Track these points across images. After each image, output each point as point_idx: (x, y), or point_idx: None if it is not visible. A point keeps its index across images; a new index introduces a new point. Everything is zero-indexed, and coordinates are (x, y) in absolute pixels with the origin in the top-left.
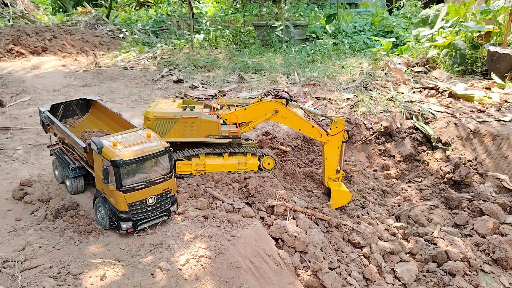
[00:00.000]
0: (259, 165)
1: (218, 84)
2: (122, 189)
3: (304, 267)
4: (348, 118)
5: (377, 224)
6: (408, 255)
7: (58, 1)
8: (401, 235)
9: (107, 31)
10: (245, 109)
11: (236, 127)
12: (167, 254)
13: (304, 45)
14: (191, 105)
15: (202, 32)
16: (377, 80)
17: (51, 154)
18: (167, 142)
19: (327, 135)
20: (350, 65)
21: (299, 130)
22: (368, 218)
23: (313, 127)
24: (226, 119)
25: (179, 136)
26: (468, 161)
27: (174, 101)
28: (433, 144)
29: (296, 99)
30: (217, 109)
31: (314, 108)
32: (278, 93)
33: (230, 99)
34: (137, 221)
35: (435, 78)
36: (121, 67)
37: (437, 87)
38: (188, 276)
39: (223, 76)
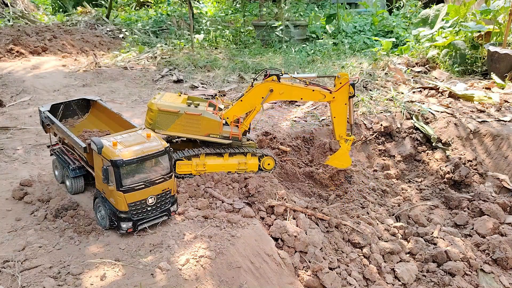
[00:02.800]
0: (259, 166)
1: (218, 84)
2: (122, 189)
3: (304, 267)
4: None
5: (377, 224)
6: (408, 255)
7: (58, 1)
8: (401, 235)
9: (107, 31)
10: (241, 100)
11: (238, 128)
12: (167, 254)
13: (304, 45)
14: (196, 102)
15: (202, 32)
16: (377, 80)
17: (51, 154)
18: (168, 135)
19: (331, 92)
20: (350, 65)
21: (301, 99)
22: (368, 218)
23: (313, 90)
24: (228, 118)
25: (180, 131)
26: (468, 161)
27: (180, 95)
28: (433, 144)
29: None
30: (220, 108)
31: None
32: (266, 73)
33: (229, 101)
34: (137, 221)
35: (435, 78)
36: (121, 67)
37: (437, 87)
38: (188, 276)
39: (223, 76)
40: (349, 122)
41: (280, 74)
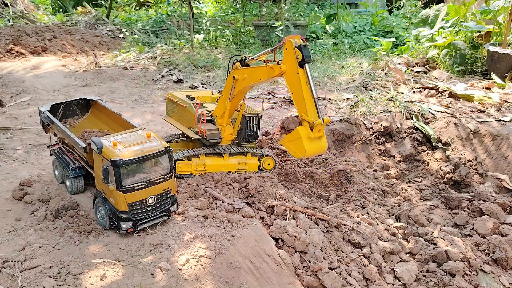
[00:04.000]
0: (259, 166)
1: (218, 84)
2: (122, 189)
3: (304, 267)
4: (348, 118)
5: (377, 224)
6: (408, 255)
7: (58, 1)
8: (401, 235)
9: (107, 31)
10: (223, 95)
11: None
12: (167, 254)
13: None
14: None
15: (202, 32)
16: (377, 80)
17: (51, 154)
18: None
19: (278, 64)
20: (350, 65)
21: (260, 80)
22: (368, 218)
23: (267, 67)
24: (216, 116)
25: (177, 120)
26: (468, 161)
27: (212, 94)
28: (433, 144)
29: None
30: None
31: None
32: (235, 62)
33: None
34: (137, 221)
35: (435, 78)
36: (121, 67)
37: (437, 87)
38: (188, 276)
39: (223, 76)
40: (315, 101)
41: (243, 59)
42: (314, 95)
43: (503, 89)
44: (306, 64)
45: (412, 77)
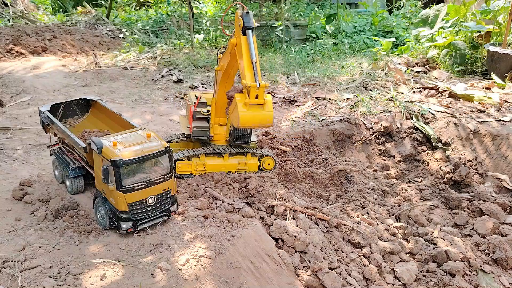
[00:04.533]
0: (259, 166)
1: None
2: (122, 189)
3: (304, 267)
4: (348, 118)
5: (377, 224)
6: (408, 255)
7: (58, 1)
8: (401, 235)
9: (107, 31)
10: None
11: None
12: (167, 254)
13: (304, 45)
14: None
15: (202, 32)
16: (377, 80)
17: (51, 154)
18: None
19: (232, 37)
20: (350, 65)
21: (227, 62)
22: (368, 218)
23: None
24: (209, 114)
25: (189, 118)
26: (468, 161)
27: None
28: (433, 144)
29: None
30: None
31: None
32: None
33: None
34: (137, 221)
35: (435, 78)
36: (121, 67)
37: (437, 87)
38: (188, 276)
39: None
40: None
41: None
42: (253, 59)
43: (503, 89)
44: (249, 31)
45: (412, 77)
